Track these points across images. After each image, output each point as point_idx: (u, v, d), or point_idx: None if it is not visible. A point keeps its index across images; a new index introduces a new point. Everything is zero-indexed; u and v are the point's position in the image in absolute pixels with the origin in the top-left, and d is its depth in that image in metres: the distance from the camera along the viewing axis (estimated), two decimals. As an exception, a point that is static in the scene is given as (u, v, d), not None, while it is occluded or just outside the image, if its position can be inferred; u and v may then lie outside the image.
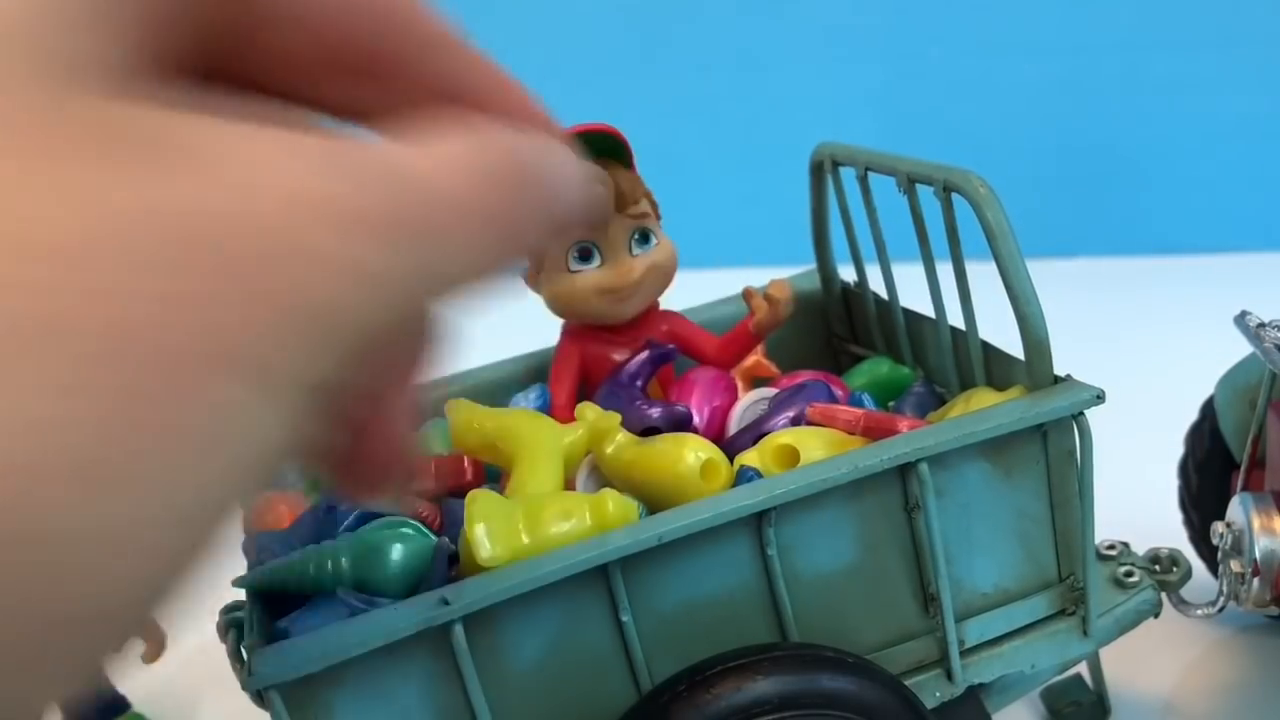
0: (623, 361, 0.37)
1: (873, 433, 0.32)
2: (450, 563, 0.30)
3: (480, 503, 0.29)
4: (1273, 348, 0.37)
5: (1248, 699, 0.41)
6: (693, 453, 0.31)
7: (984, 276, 0.33)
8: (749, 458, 0.32)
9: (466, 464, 0.35)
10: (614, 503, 0.29)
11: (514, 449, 0.32)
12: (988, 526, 0.32)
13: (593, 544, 0.28)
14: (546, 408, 0.37)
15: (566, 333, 0.39)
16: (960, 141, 0.92)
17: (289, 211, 0.13)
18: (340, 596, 0.29)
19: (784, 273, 0.42)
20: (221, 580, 0.31)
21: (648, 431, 0.34)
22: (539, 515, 0.29)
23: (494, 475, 0.35)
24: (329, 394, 0.14)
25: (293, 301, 0.13)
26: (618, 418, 0.33)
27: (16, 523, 0.11)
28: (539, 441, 0.32)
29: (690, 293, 0.41)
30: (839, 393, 0.36)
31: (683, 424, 0.35)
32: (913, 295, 0.40)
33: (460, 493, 0.33)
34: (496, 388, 0.41)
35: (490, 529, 0.28)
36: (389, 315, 0.14)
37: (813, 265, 0.45)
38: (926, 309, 0.39)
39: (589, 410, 0.33)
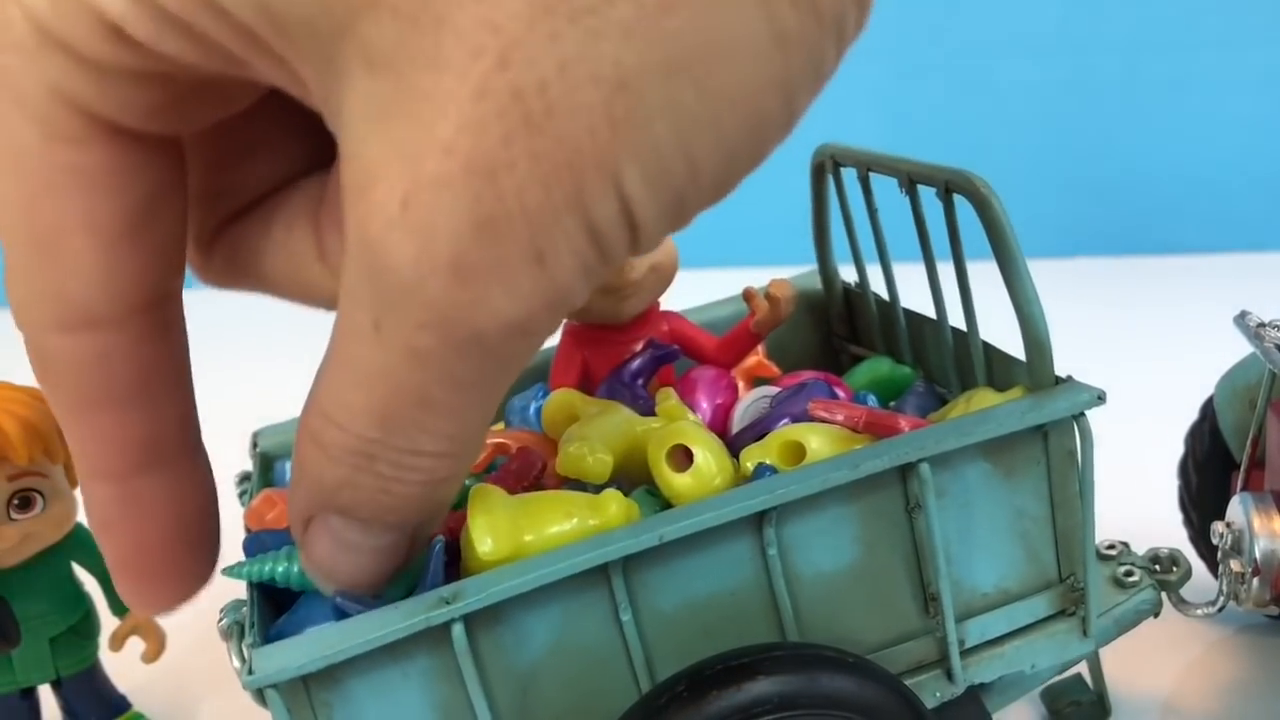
0: (625, 360, 0.37)
1: (874, 429, 0.32)
2: (451, 562, 0.30)
3: (483, 498, 0.29)
4: (1273, 348, 0.37)
5: (1248, 699, 0.41)
6: (658, 449, 0.31)
7: (985, 277, 0.34)
8: (756, 453, 0.32)
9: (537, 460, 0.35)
10: (616, 503, 0.29)
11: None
12: (988, 527, 0.32)
13: (594, 543, 0.28)
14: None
15: (567, 333, 0.39)
16: (961, 142, 0.92)
17: None
18: (338, 602, 0.29)
19: (784, 273, 0.42)
20: (222, 580, 0.31)
21: None
22: (541, 513, 0.29)
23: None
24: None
25: None
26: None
27: None
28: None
29: (690, 293, 0.42)
30: (841, 393, 0.36)
31: None
32: (914, 296, 0.40)
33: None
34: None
35: (491, 523, 0.28)
36: None
37: (813, 265, 0.45)
38: (928, 309, 0.39)
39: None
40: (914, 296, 0.40)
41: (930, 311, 0.38)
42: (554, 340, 0.39)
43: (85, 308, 0.21)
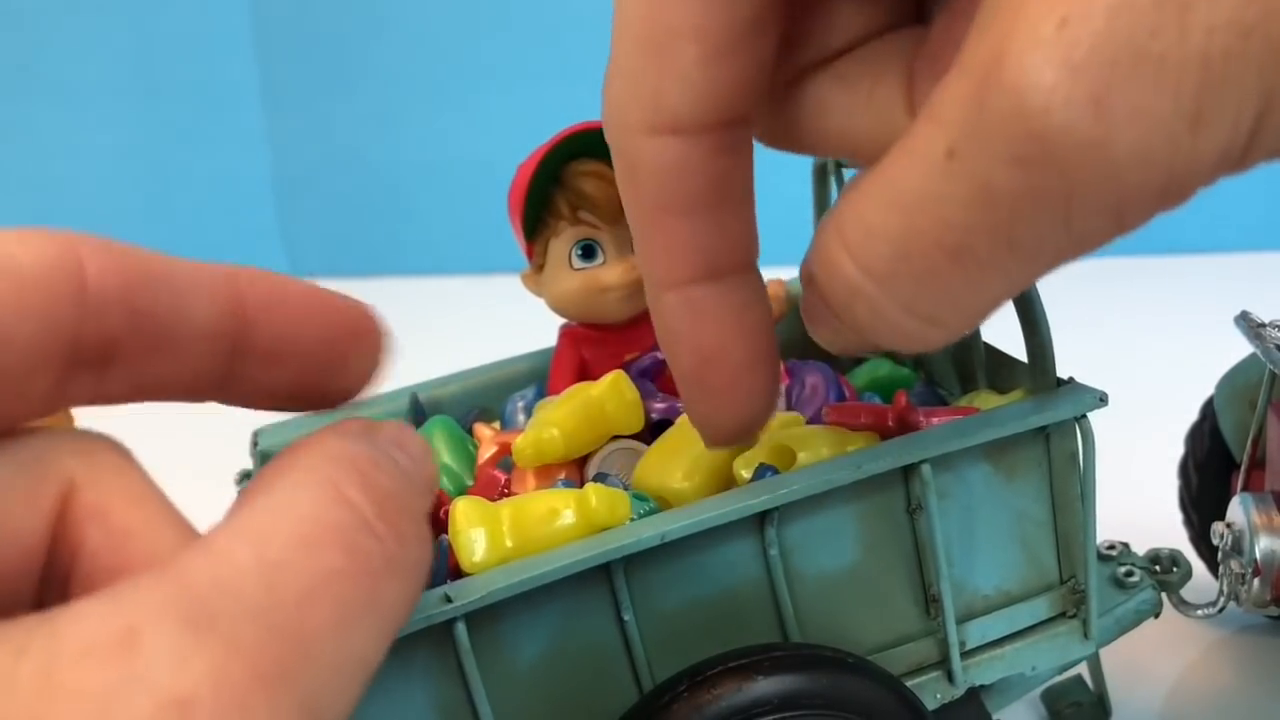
0: (626, 361, 0.37)
1: (904, 425, 0.32)
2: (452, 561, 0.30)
3: (464, 508, 0.29)
4: (1273, 348, 0.37)
5: (1248, 699, 0.41)
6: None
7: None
8: (756, 455, 0.32)
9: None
10: (597, 497, 0.29)
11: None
12: (989, 529, 0.32)
13: (596, 542, 0.28)
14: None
15: (565, 333, 0.39)
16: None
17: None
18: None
19: (784, 273, 0.42)
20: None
21: (659, 426, 0.34)
22: (525, 515, 0.29)
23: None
24: None
25: None
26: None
27: None
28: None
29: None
30: (845, 391, 0.36)
31: None
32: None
33: None
34: (496, 388, 0.41)
35: (475, 534, 0.28)
36: None
37: (814, 266, 0.45)
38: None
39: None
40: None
41: (931, 312, 0.38)
42: (552, 340, 0.39)
43: (676, 113, 0.22)
